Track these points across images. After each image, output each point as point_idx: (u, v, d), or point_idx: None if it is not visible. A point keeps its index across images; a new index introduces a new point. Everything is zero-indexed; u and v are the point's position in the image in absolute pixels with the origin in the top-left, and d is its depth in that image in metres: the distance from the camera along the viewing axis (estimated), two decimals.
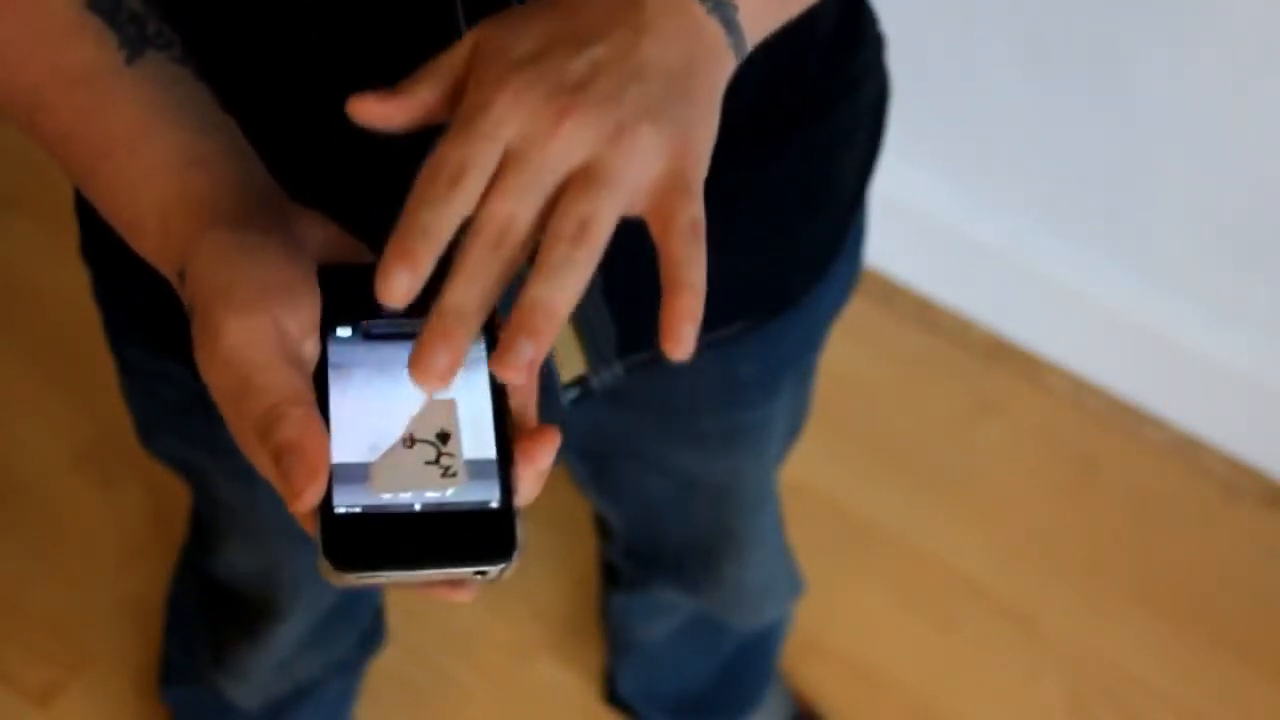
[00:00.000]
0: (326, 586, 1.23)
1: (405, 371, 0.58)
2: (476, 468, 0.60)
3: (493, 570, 0.58)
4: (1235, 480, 1.81)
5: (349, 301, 0.63)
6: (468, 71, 0.61)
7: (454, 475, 0.59)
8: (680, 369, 0.96)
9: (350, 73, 0.75)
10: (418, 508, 0.59)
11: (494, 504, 0.59)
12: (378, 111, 0.61)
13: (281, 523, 1.09)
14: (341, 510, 0.58)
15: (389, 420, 0.60)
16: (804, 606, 1.56)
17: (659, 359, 0.93)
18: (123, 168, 0.66)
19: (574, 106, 0.58)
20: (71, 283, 1.15)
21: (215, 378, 0.61)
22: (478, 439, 0.60)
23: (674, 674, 1.57)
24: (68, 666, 1.65)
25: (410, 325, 0.62)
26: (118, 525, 1.73)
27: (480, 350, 0.62)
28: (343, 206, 0.70)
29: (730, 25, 0.63)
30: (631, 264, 0.85)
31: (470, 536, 0.58)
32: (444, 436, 0.60)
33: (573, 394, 0.92)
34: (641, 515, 1.26)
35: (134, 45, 0.68)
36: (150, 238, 0.66)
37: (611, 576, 1.49)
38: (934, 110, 1.74)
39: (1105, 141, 1.69)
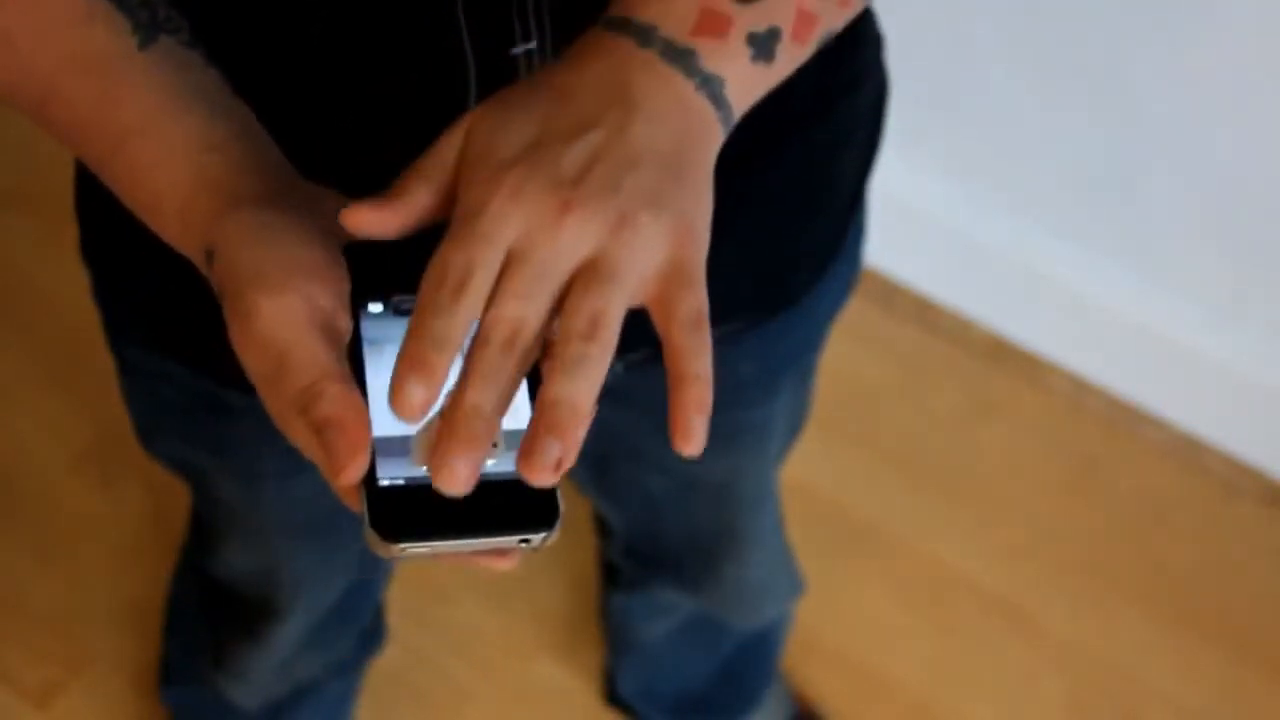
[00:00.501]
0: (326, 586, 1.23)
1: None
2: (515, 438, 0.60)
3: (535, 539, 0.59)
4: (1235, 480, 1.81)
5: (377, 277, 0.63)
6: (459, 166, 0.60)
7: (494, 446, 0.59)
8: None
9: (352, 67, 0.75)
10: None
11: None
12: (373, 221, 0.61)
13: (282, 523, 1.10)
14: (385, 482, 0.59)
15: None
16: (804, 606, 1.56)
17: (658, 358, 0.94)
18: (139, 153, 0.66)
19: (574, 202, 0.58)
20: (71, 283, 1.16)
21: (251, 359, 0.61)
22: (515, 409, 0.60)
23: (674, 674, 1.57)
24: (68, 666, 1.65)
25: None
26: (118, 525, 1.73)
27: None
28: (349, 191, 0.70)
29: (718, 101, 0.63)
30: None
31: (513, 506, 0.59)
32: None
33: None
34: (641, 514, 1.26)
35: (146, 30, 0.68)
36: (170, 221, 0.66)
37: (611, 576, 1.49)
38: (934, 110, 1.74)
39: (1105, 142, 1.69)
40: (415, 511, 0.59)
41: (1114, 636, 1.71)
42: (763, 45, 0.65)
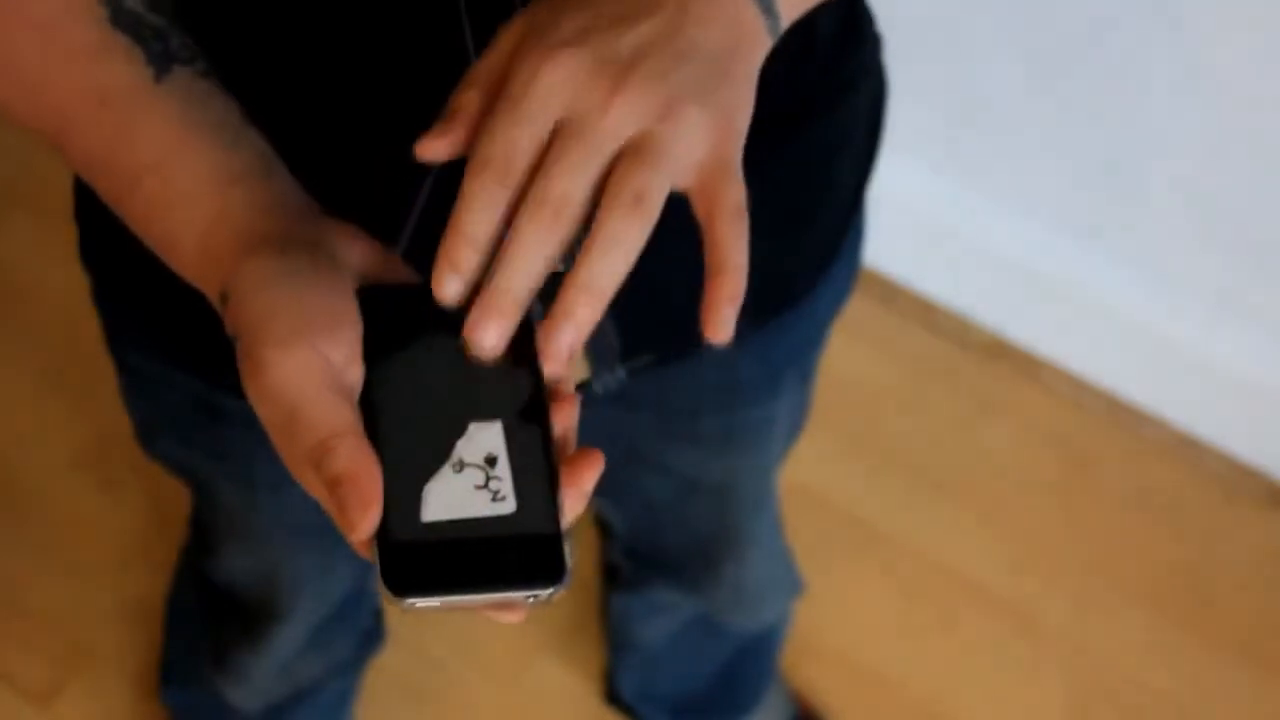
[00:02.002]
0: (326, 588, 1.23)
1: (451, 395, 0.61)
2: (524, 490, 0.60)
3: (544, 593, 0.59)
4: (1235, 480, 1.81)
5: (390, 324, 0.63)
6: (512, 56, 0.61)
7: (503, 499, 0.60)
8: (681, 372, 0.97)
9: (355, 67, 0.75)
10: (470, 533, 0.59)
11: (543, 527, 0.60)
12: (444, 146, 0.61)
13: (281, 526, 1.10)
14: (398, 538, 0.59)
15: (437, 445, 0.61)
16: (804, 606, 1.56)
17: (661, 362, 0.94)
18: (157, 189, 0.65)
19: (626, 81, 0.59)
20: (72, 283, 1.15)
21: (263, 410, 0.61)
22: (524, 462, 0.61)
23: (674, 674, 1.57)
24: (68, 666, 1.65)
25: (454, 346, 0.62)
26: (118, 525, 1.73)
27: (526, 380, 0.62)
28: (357, 203, 0.70)
29: (768, 10, 0.64)
30: (632, 270, 0.85)
31: (521, 560, 0.59)
32: (492, 460, 0.61)
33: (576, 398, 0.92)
34: (642, 515, 1.26)
35: (160, 62, 0.67)
36: (189, 259, 0.65)
37: (612, 576, 1.50)
38: (934, 110, 1.74)
39: (1106, 141, 1.69)
40: (426, 566, 0.59)
41: (1114, 636, 1.71)
42: None
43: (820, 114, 0.89)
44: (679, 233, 0.87)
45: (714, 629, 1.47)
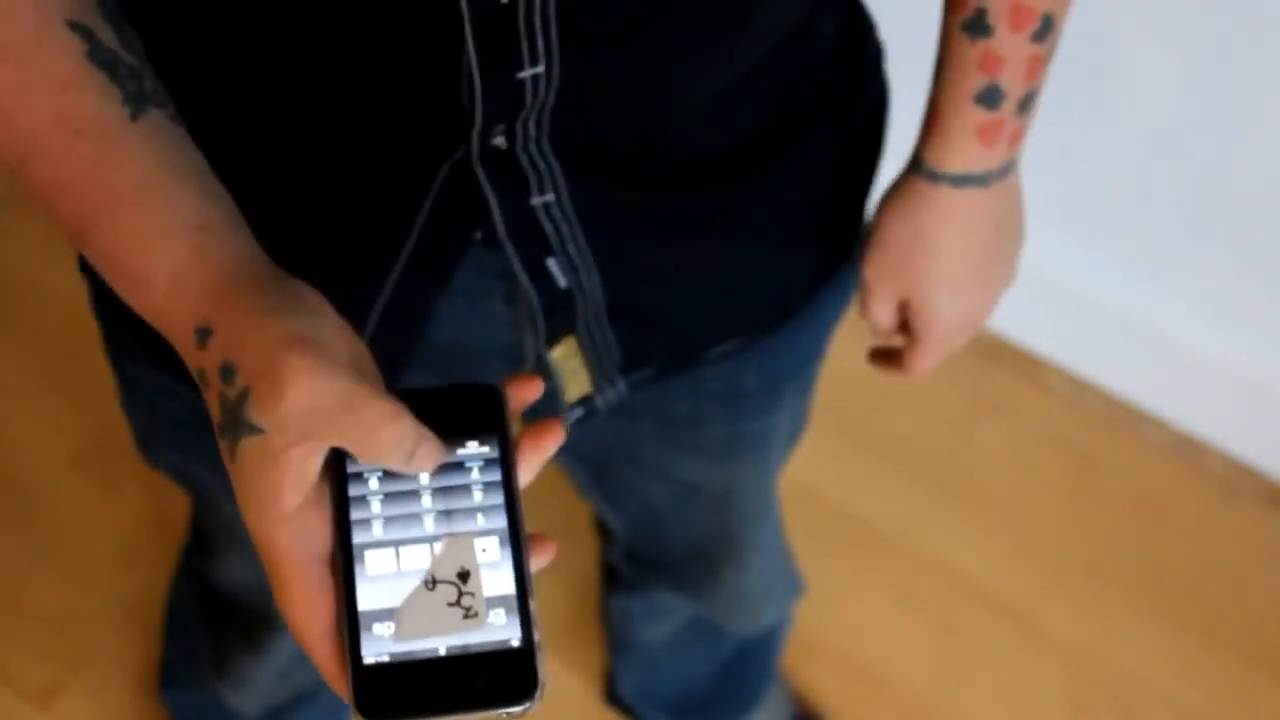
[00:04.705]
0: None
1: (425, 511, 0.61)
2: (496, 604, 0.60)
3: (517, 709, 0.59)
4: (1235, 480, 1.81)
5: None
6: None
7: (475, 616, 0.60)
8: (683, 382, 0.97)
9: (360, 83, 0.75)
10: (442, 652, 0.59)
11: (515, 643, 0.60)
12: None
13: None
14: (370, 661, 0.59)
15: (411, 561, 0.61)
16: (804, 607, 1.56)
17: (661, 375, 0.94)
18: (129, 221, 0.65)
19: None
20: (71, 283, 1.15)
21: (304, 401, 0.60)
22: (496, 574, 0.61)
23: (674, 675, 1.57)
24: (68, 666, 1.65)
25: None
26: (118, 525, 1.73)
27: (497, 486, 0.62)
28: (358, 222, 0.69)
29: None
30: (634, 284, 0.85)
31: (494, 678, 0.59)
32: (464, 575, 0.61)
33: (578, 413, 0.92)
34: (642, 520, 1.26)
35: (136, 102, 0.66)
36: (159, 293, 0.64)
37: (612, 578, 1.49)
38: None
39: (1106, 141, 1.68)
40: (398, 689, 0.59)
41: (1114, 636, 1.71)
42: None
43: (823, 125, 0.89)
44: (679, 249, 0.87)
45: (714, 630, 1.47)
